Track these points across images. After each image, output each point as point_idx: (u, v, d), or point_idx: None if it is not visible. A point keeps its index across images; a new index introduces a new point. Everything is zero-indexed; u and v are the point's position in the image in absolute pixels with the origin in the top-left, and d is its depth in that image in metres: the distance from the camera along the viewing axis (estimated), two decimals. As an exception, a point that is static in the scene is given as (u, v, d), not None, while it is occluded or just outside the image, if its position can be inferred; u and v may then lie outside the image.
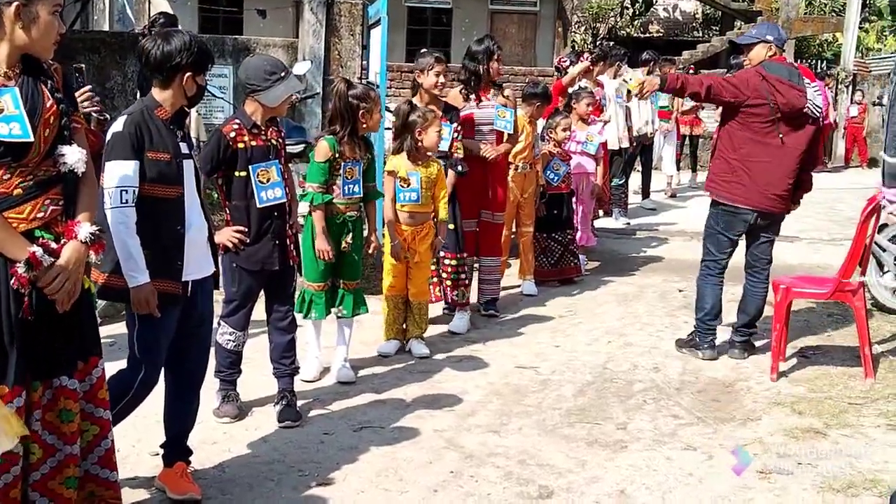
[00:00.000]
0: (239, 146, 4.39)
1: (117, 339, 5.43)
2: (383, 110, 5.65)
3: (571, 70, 8.71)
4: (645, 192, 12.18)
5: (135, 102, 3.70)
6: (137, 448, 4.21)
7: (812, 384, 5.45)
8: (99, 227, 3.08)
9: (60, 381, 3.05)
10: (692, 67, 16.81)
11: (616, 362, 5.84)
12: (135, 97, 7.03)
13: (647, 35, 26.21)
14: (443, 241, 5.90)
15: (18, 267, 2.87)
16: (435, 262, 6.27)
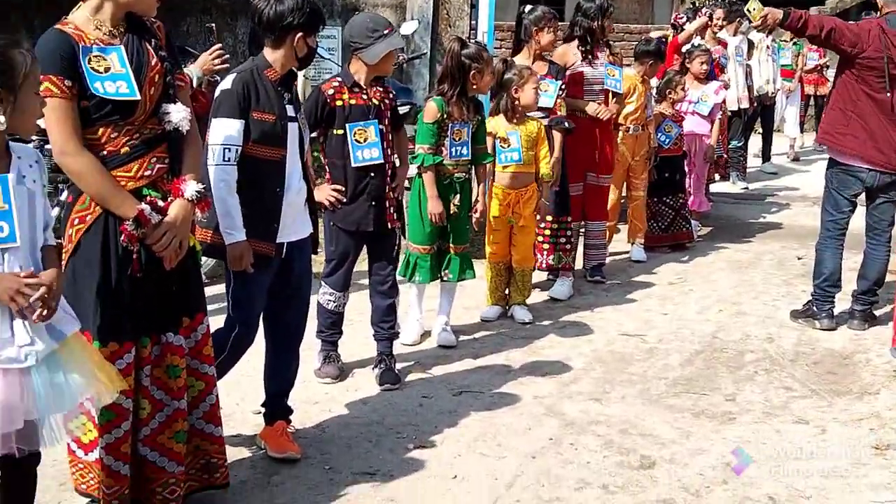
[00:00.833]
0: (337, 104, 4.46)
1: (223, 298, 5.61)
2: None
3: (688, 27, 8.51)
4: (765, 156, 11.83)
5: (245, 62, 3.78)
6: (241, 406, 4.36)
7: (937, 358, 5.26)
8: (204, 186, 3.18)
9: (167, 338, 3.17)
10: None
11: (727, 332, 5.75)
12: (245, 58, 7.18)
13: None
14: (547, 204, 5.87)
15: (127, 224, 2.97)
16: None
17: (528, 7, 6.09)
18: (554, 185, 6.00)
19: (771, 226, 8.82)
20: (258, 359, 3.99)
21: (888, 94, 5.41)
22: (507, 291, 5.91)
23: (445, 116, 5.06)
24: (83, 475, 3.25)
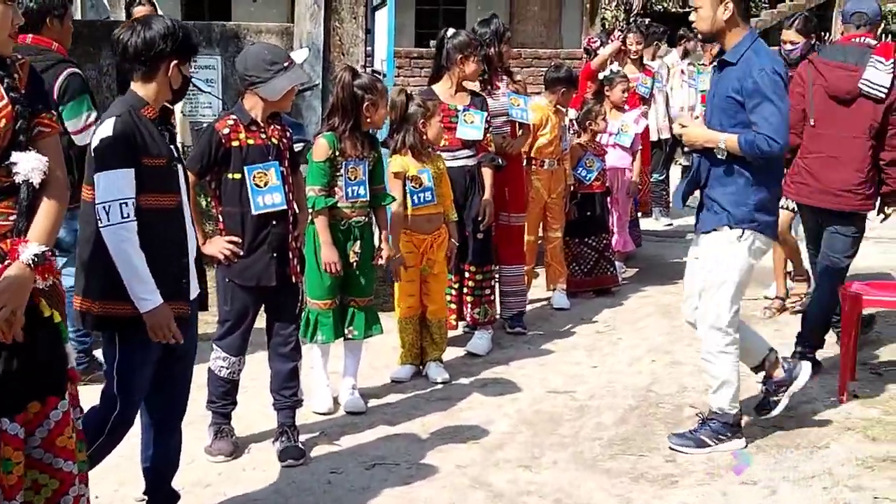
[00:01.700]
0: (233, 144, 4.38)
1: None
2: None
3: (602, 52, 8.66)
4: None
5: (114, 103, 3.65)
6: (121, 492, 4.18)
7: (887, 405, 5.38)
8: (49, 248, 2.99)
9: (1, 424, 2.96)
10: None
11: (662, 384, 5.79)
12: (113, 95, 7.01)
13: (688, 9, 26.10)
14: (457, 244, 5.87)
15: None
16: (455, 277, 6.22)
17: (451, 31, 6.07)
18: (479, 230, 6.05)
19: (699, 265, 8.96)
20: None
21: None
22: (421, 346, 5.85)
23: (338, 154, 5.02)
24: None
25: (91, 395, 3.67)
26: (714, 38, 4.84)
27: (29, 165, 2.93)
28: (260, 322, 4.71)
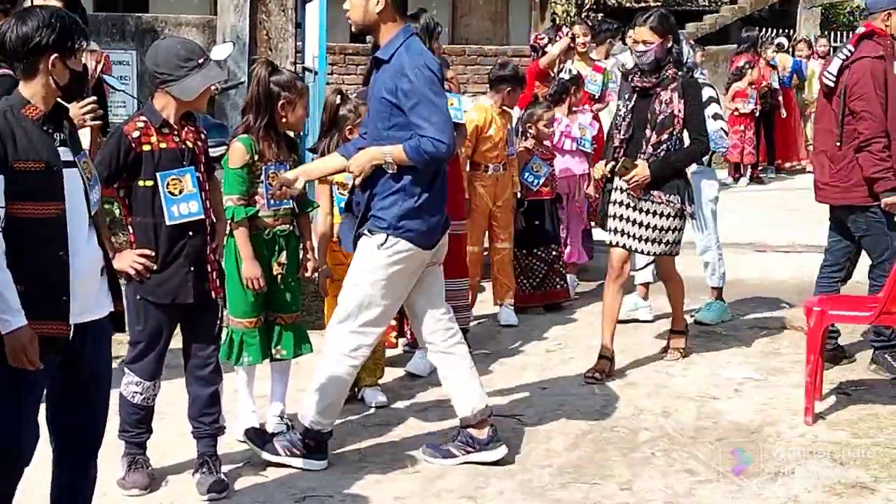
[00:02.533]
0: (144, 149, 4.34)
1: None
2: None
3: (551, 49, 8.71)
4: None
5: None
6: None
7: (855, 428, 5.46)
8: None
9: None
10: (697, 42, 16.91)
11: (616, 407, 5.82)
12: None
13: (643, 4, 26.40)
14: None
15: None
16: None
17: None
18: None
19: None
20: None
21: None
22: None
23: (257, 158, 5.00)
24: None
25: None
26: (368, 32, 4.85)
27: None
28: (176, 342, 4.67)
